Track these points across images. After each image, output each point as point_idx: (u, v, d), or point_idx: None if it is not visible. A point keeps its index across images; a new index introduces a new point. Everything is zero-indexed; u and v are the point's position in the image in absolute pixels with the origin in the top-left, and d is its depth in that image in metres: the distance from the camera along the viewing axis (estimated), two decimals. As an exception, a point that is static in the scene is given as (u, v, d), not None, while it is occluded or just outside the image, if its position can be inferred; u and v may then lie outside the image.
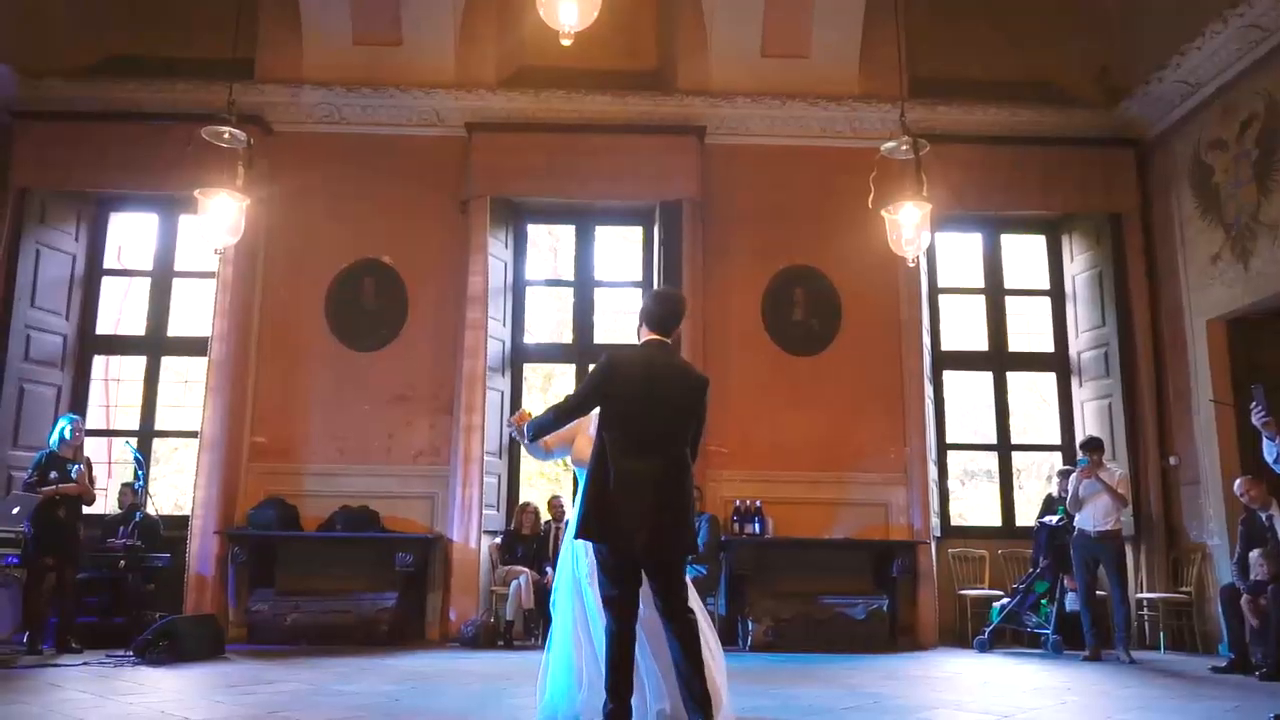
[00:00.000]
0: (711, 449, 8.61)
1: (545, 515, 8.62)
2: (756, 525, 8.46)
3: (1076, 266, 9.64)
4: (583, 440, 4.45)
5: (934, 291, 9.72)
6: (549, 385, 12.78)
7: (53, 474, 7.19)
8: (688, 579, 4.16)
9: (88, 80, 9.29)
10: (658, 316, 4.16)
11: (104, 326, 9.69)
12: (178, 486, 11.82)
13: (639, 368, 4.06)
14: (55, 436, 7.41)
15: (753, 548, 8.36)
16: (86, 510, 7.47)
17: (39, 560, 7.04)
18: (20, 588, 7.22)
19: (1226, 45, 8.05)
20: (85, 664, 6.32)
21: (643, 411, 3.98)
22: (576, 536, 4.02)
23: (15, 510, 6.85)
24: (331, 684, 5.63)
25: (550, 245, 11.86)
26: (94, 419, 9.82)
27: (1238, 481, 7.21)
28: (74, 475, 7.20)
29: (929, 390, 9.19)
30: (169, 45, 9.44)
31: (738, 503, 8.55)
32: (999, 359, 9.74)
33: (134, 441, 8.75)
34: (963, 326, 10.18)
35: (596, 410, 4.17)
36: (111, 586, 7.67)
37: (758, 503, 8.53)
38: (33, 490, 7.06)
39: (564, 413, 4.18)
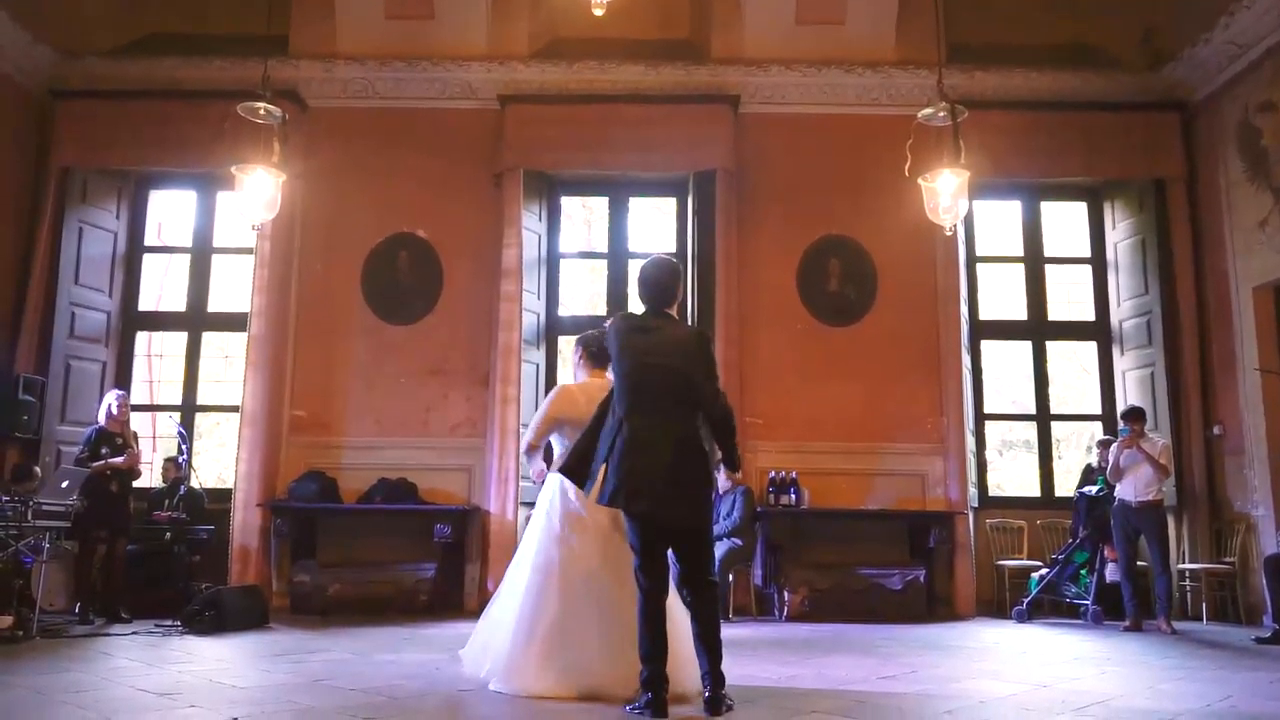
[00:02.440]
0: (747, 420, 8.59)
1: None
2: (792, 496, 8.45)
3: (1119, 234, 9.47)
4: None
5: (972, 260, 9.60)
6: (583, 358, 12.78)
7: (103, 449, 7.33)
8: (717, 551, 4.21)
9: (125, 58, 9.39)
10: (641, 291, 4.21)
11: (146, 303, 9.83)
12: (220, 460, 12.02)
13: (627, 335, 4.11)
14: (103, 412, 7.56)
15: (788, 518, 8.36)
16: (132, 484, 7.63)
17: (93, 533, 7.20)
18: (72, 560, 7.40)
19: (1278, 4, 7.82)
20: (134, 633, 6.46)
21: (634, 376, 4.02)
22: (598, 499, 4.06)
23: (65, 484, 6.99)
24: (373, 653, 5.72)
25: (584, 217, 11.84)
26: (138, 394, 9.99)
27: None
28: (125, 454, 7.37)
29: (966, 360, 9.10)
30: (204, 22, 9.51)
31: (773, 474, 8.54)
32: (1038, 328, 9.61)
33: (177, 416, 8.91)
34: (1001, 295, 10.06)
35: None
36: (158, 558, 7.82)
37: (793, 474, 8.52)
38: (84, 465, 7.21)
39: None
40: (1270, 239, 8.07)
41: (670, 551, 4.06)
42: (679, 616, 4.12)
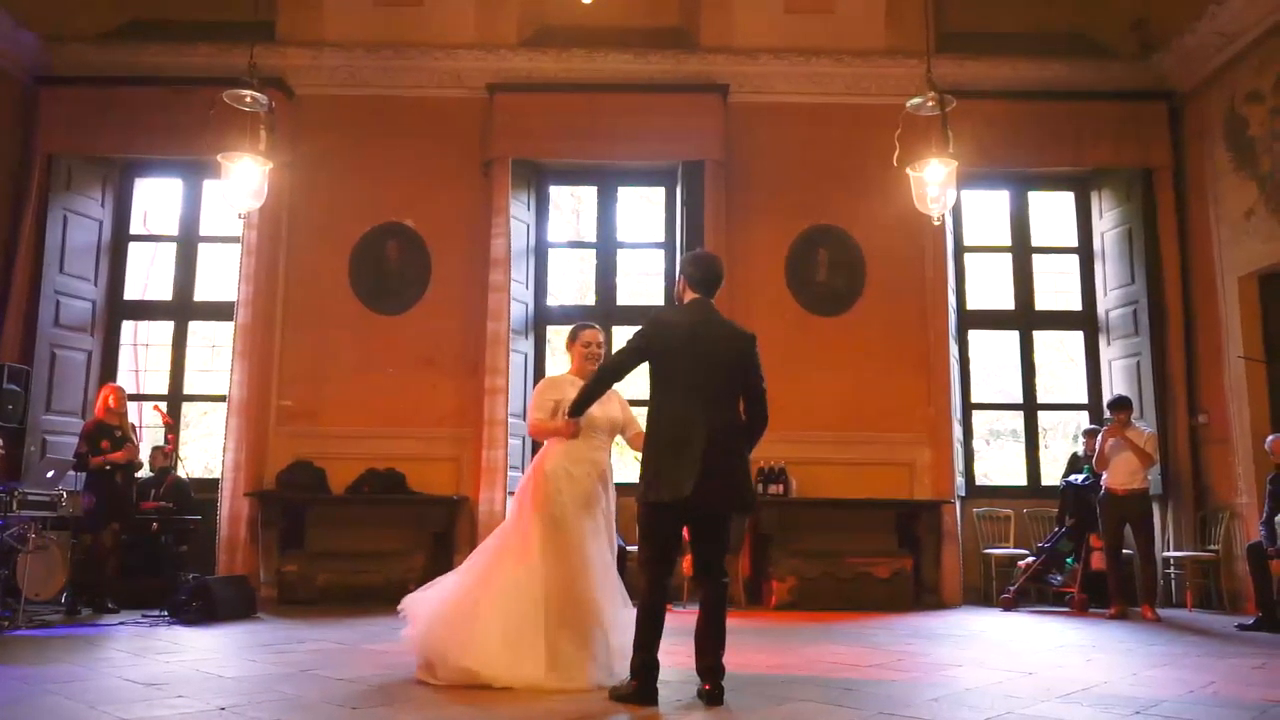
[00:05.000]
0: (735, 410, 8.59)
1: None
2: (780, 485, 8.46)
3: (1106, 223, 9.50)
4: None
5: (960, 250, 9.62)
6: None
7: (104, 442, 7.27)
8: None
9: (111, 45, 9.32)
10: (699, 279, 4.24)
11: (132, 292, 9.78)
12: (207, 450, 11.98)
13: (683, 326, 4.12)
14: (100, 404, 7.50)
15: (777, 508, 8.37)
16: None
17: (105, 527, 7.14)
18: (58, 551, 7.35)
19: (1263, -6, 7.84)
20: (122, 624, 6.45)
21: (689, 366, 4.04)
22: (646, 500, 4.02)
23: (50, 474, 6.95)
24: (362, 643, 5.72)
25: (572, 207, 11.82)
26: (124, 384, 9.89)
27: (1269, 439, 7.13)
28: (124, 446, 7.31)
29: (954, 349, 9.12)
30: (190, 7, 9.43)
31: (762, 463, 8.55)
32: (1025, 318, 9.65)
33: (164, 405, 8.86)
34: (989, 285, 10.09)
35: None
36: (145, 548, 7.78)
37: (782, 463, 8.53)
38: (85, 460, 7.15)
39: (605, 375, 4.28)
40: (1256, 228, 8.10)
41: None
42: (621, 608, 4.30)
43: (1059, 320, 9.89)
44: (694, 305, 4.20)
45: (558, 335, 10.01)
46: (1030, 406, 9.65)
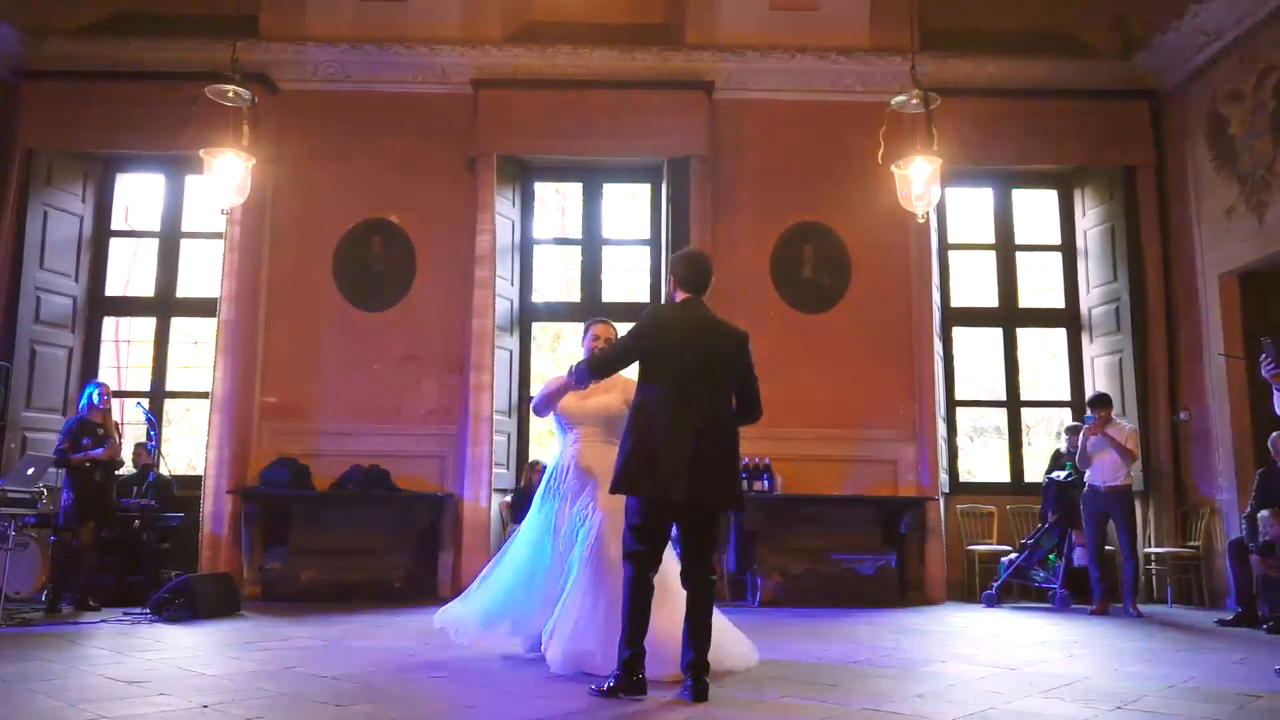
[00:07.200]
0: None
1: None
2: (765, 482, 8.48)
3: (1088, 221, 9.56)
4: (570, 397, 4.76)
5: (944, 247, 9.66)
6: (557, 344, 12.79)
7: (85, 439, 7.21)
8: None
9: (92, 39, 9.22)
10: (689, 279, 4.28)
11: (113, 288, 9.71)
12: (190, 447, 11.92)
13: (680, 322, 4.16)
14: (84, 402, 7.44)
15: (762, 505, 8.38)
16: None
17: (81, 526, 7.07)
18: (38, 548, 7.30)
19: (1244, -7, 7.90)
20: (103, 622, 6.39)
21: (683, 364, 4.07)
22: (614, 489, 4.06)
23: (30, 471, 6.89)
24: (346, 640, 5.70)
25: (558, 203, 11.81)
26: (106, 380, 9.87)
27: (1275, 435, 7.15)
28: (106, 444, 7.25)
29: (938, 346, 9.15)
30: (173, 2, 9.33)
31: (746, 460, 8.54)
32: (1009, 315, 9.70)
33: (145, 402, 8.81)
34: (973, 282, 10.13)
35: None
36: (127, 545, 7.73)
37: (766, 460, 8.54)
38: (66, 456, 7.08)
39: (598, 364, 4.26)
40: (1236, 227, 8.17)
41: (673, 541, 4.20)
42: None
43: (1042, 317, 9.95)
44: (687, 304, 4.23)
45: (543, 332, 10.03)
46: (1013, 403, 9.70)
